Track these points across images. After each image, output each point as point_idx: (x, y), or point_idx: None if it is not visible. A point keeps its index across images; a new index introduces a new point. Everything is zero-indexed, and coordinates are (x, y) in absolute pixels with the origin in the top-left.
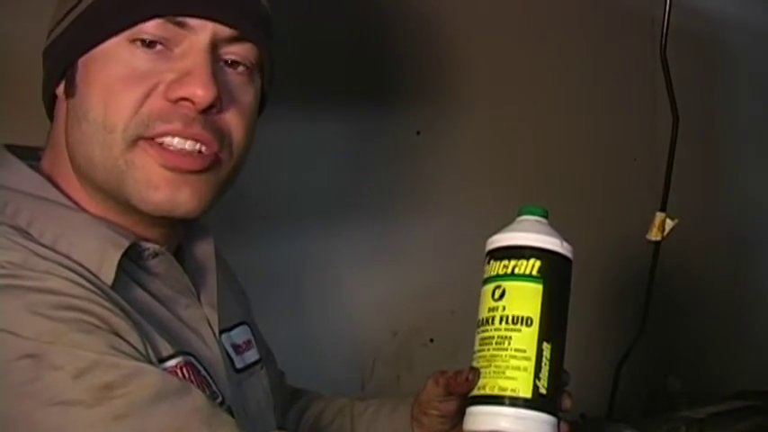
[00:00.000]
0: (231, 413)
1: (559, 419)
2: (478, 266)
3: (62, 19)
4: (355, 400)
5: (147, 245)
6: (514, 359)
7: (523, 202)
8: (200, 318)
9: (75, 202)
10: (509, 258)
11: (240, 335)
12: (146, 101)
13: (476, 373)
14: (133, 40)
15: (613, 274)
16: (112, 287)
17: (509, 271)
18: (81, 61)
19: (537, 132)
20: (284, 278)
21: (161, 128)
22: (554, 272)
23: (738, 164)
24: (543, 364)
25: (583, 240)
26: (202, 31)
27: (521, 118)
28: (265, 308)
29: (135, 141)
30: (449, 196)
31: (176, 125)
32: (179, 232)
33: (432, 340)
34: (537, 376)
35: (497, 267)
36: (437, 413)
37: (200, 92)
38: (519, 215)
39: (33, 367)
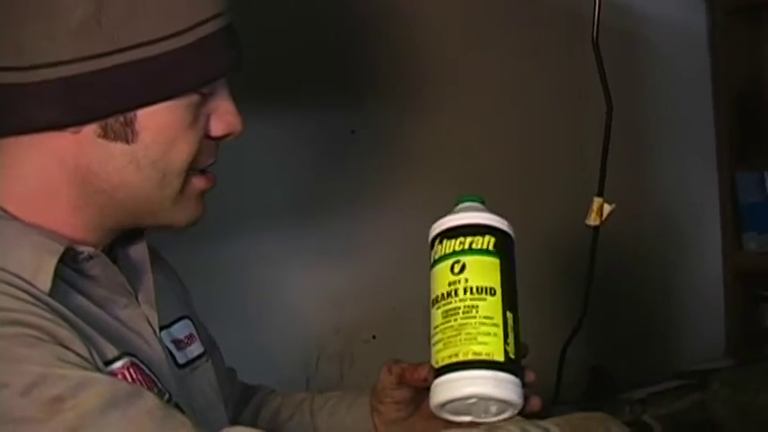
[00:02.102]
0: (180, 410)
1: (524, 386)
2: (418, 263)
3: (101, 56)
4: (313, 395)
5: (82, 248)
6: (484, 326)
7: (457, 191)
8: (139, 317)
9: (4, 210)
10: (464, 235)
11: (181, 329)
12: (201, 147)
13: (431, 373)
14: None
15: (556, 259)
16: (50, 294)
17: (467, 246)
18: (144, 110)
19: (472, 127)
20: (226, 276)
21: (208, 162)
22: (506, 248)
23: (669, 155)
24: (509, 331)
25: (524, 228)
26: None
27: (455, 113)
28: (207, 306)
29: (188, 179)
30: (388, 194)
31: (213, 156)
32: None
33: (374, 337)
34: (506, 342)
35: (453, 245)
36: (392, 401)
37: (240, 127)
38: (459, 203)
39: None
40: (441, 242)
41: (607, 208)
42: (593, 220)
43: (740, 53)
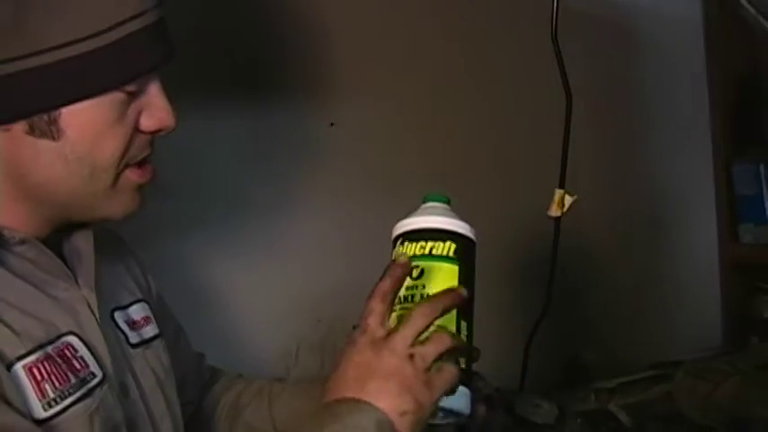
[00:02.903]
0: (121, 388)
1: (473, 393)
2: None
3: (24, 57)
4: (274, 382)
5: (12, 232)
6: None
7: (433, 187)
8: (78, 299)
9: None
10: (425, 240)
11: (138, 311)
12: (131, 142)
13: None
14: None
15: (519, 251)
16: None
17: (426, 252)
18: (68, 108)
19: (440, 119)
20: (207, 266)
21: (142, 155)
22: (466, 254)
23: (665, 147)
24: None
25: (488, 220)
26: None
27: (423, 106)
28: (188, 296)
29: (122, 172)
30: (367, 185)
31: (148, 149)
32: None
33: (355, 327)
34: None
35: (413, 248)
36: None
37: (172, 123)
38: (425, 202)
39: None
40: (402, 244)
41: (569, 199)
42: (554, 211)
43: (736, 44)
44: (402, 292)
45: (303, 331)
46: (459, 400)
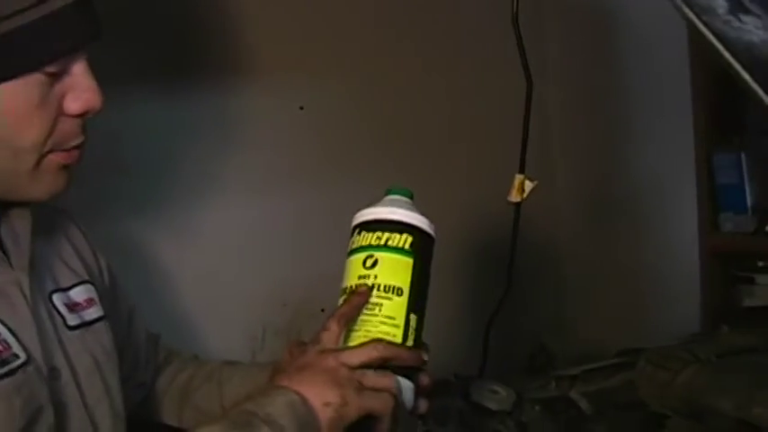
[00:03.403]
0: (51, 371)
1: (417, 388)
2: None
3: None
4: (225, 365)
5: None
6: (384, 325)
7: (400, 172)
8: (10, 282)
9: None
10: (382, 231)
11: (80, 293)
12: (56, 125)
13: None
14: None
15: (480, 237)
16: None
17: (382, 242)
18: None
19: (410, 105)
20: (172, 249)
21: (72, 143)
22: (423, 249)
23: (644, 133)
24: (410, 333)
25: (451, 207)
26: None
27: (393, 91)
28: (152, 277)
29: (45, 155)
30: (335, 169)
31: (81, 136)
32: None
33: (322, 310)
34: (404, 344)
35: (370, 238)
36: None
37: (98, 104)
38: (387, 194)
39: None
40: (359, 233)
41: (529, 184)
42: (514, 196)
43: None
44: (354, 282)
45: (269, 315)
46: (402, 395)
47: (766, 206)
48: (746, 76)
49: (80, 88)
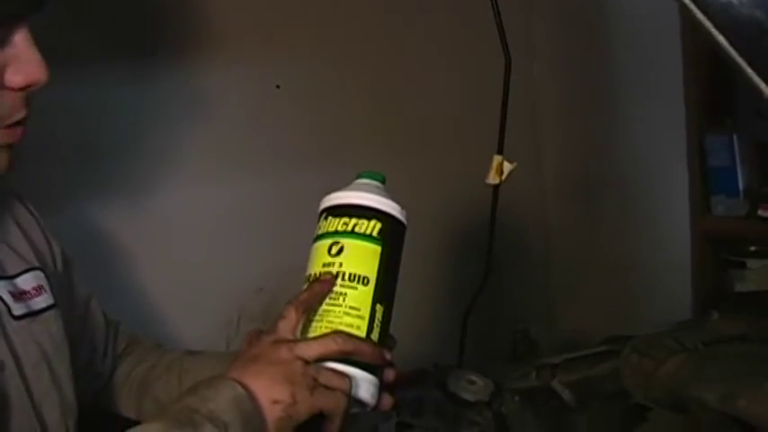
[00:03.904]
0: None
1: (381, 383)
2: None
3: None
4: (186, 356)
5: None
6: (348, 316)
7: (378, 152)
8: None
9: None
10: (349, 216)
11: (28, 281)
12: None
13: None
14: None
15: (459, 221)
16: None
17: (349, 229)
18: None
19: (387, 84)
20: (145, 230)
21: (13, 118)
22: (392, 236)
23: (635, 115)
24: (375, 325)
25: (429, 189)
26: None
27: (369, 70)
28: (124, 260)
29: None
30: (313, 149)
31: (23, 111)
32: None
33: None
34: (368, 336)
35: (336, 224)
36: None
37: (43, 77)
38: (358, 178)
39: None
40: (326, 218)
41: (507, 166)
42: (492, 178)
43: None
44: (318, 269)
45: (244, 301)
46: (365, 390)
47: (759, 189)
48: (721, 39)
49: (22, 60)
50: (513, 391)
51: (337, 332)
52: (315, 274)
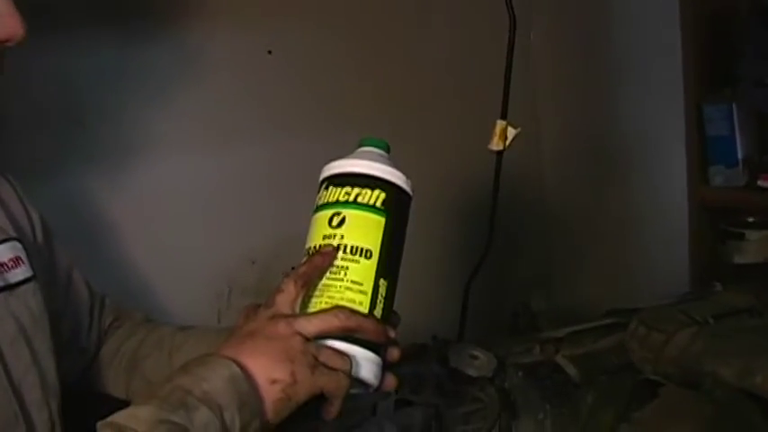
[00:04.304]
0: None
1: (384, 363)
2: None
3: None
4: (177, 331)
5: None
6: (350, 291)
7: (374, 118)
8: None
9: None
10: (352, 186)
11: (4, 252)
12: None
13: None
14: None
15: (460, 189)
16: None
17: (351, 199)
18: None
19: (381, 47)
20: (134, 201)
21: None
22: (397, 207)
23: (633, 83)
24: (378, 301)
25: (429, 156)
26: None
27: (364, 34)
28: (111, 231)
29: None
30: (306, 114)
31: None
32: None
33: (293, 268)
34: (371, 313)
35: (337, 194)
36: None
37: (20, 31)
38: (360, 146)
39: None
40: (327, 188)
41: (511, 131)
42: (495, 144)
43: None
44: (318, 242)
45: (236, 273)
46: (368, 370)
47: (758, 159)
48: None
49: None
50: (517, 366)
51: (339, 308)
52: (315, 247)
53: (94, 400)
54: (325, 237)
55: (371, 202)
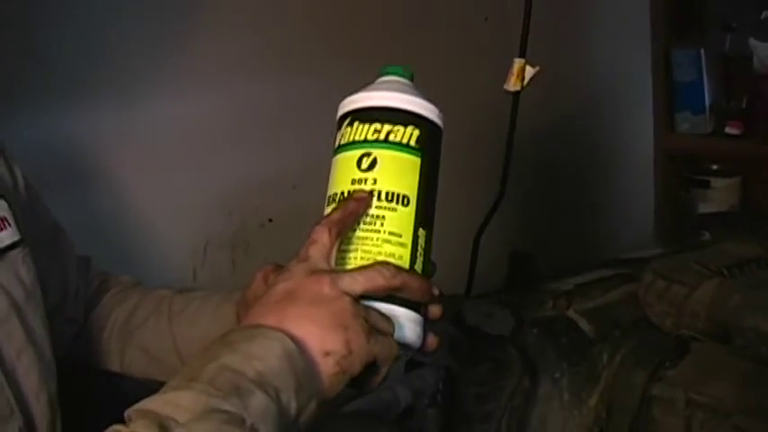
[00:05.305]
0: None
1: (426, 321)
2: (326, 134)
3: None
4: (175, 295)
5: None
6: (388, 244)
7: (378, 58)
8: None
9: None
10: (381, 122)
11: None
12: None
13: None
14: None
15: (470, 134)
16: None
17: (382, 137)
18: None
19: None
20: (98, 146)
21: None
22: (431, 145)
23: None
24: (419, 254)
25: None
26: None
27: None
28: (81, 182)
29: None
30: (299, 62)
31: None
32: None
33: (270, 220)
34: (412, 268)
35: (365, 131)
36: None
37: None
38: (382, 75)
39: None
40: (351, 124)
41: (530, 71)
42: (512, 84)
43: None
44: (346, 187)
45: (212, 226)
46: (411, 330)
47: (725, 106)
48: None
49: None
50: (532, 323)
51: (382, 263)
52: (344, 192)
53: (83, 377)
54: (354, 181)
55: (405, 140)
